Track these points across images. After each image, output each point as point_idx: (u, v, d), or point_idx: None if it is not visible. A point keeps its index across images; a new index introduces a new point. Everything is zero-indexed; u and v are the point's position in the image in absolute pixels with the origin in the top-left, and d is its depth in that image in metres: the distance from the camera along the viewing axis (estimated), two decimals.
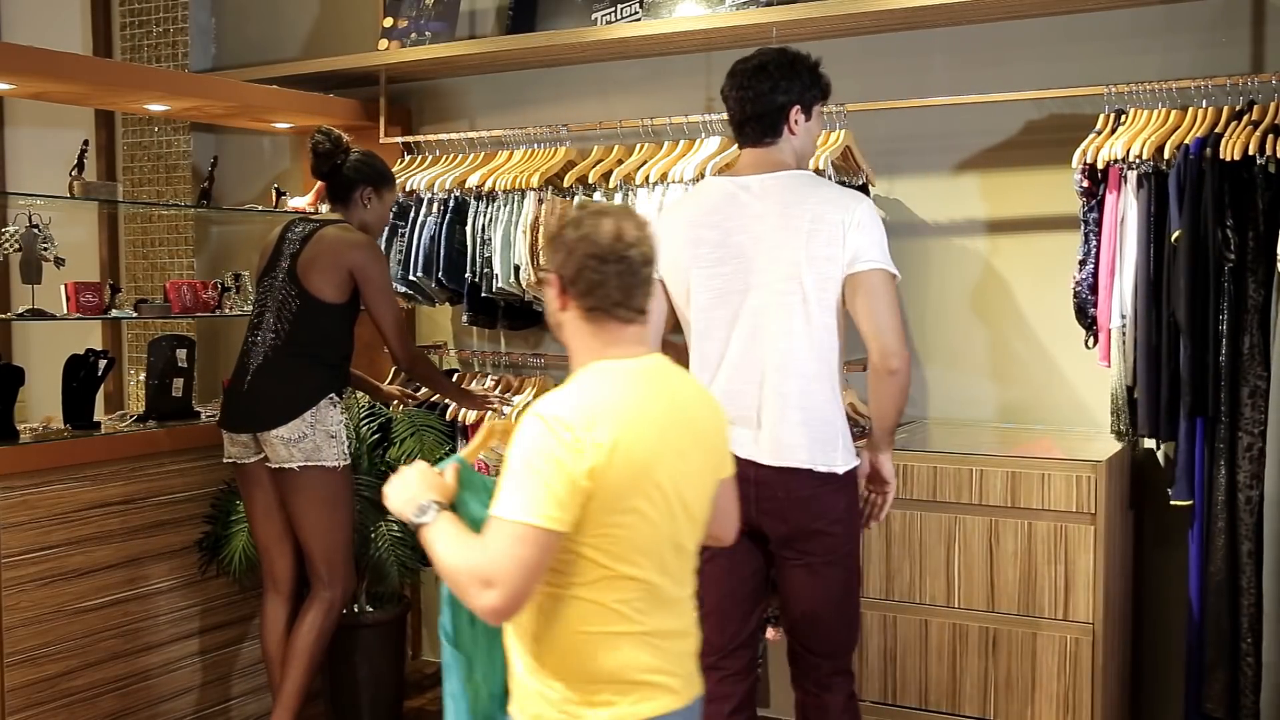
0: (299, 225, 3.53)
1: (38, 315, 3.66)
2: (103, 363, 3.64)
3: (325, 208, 3.71)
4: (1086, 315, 3.30)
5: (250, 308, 3.68)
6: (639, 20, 4.01)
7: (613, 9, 4.09)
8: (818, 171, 3.31)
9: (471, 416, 4.11)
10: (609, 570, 1.89)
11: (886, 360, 2.64)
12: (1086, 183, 3.25)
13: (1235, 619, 3.10)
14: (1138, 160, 3.15)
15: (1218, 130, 3.10)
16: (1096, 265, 3.25)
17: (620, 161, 3.87)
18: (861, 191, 3.50)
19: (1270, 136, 3.00)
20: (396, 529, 3.77)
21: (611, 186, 3.80)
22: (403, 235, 4.16)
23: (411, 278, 4.12)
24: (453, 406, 4.13)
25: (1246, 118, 3.09)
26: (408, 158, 4.39)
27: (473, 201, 4.07)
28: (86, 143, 3.91)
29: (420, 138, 4.44)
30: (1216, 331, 3.07)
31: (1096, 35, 3.53)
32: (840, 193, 2.74)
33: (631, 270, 1.95)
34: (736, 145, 2.84)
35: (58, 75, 3.67)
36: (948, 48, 3.73)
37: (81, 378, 3.61)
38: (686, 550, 2.01)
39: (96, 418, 3.67)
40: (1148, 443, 3.43)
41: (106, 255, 5.28)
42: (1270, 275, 2.99)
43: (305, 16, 4.92)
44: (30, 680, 3.35)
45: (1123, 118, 3.28)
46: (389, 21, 4.42)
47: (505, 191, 3.99)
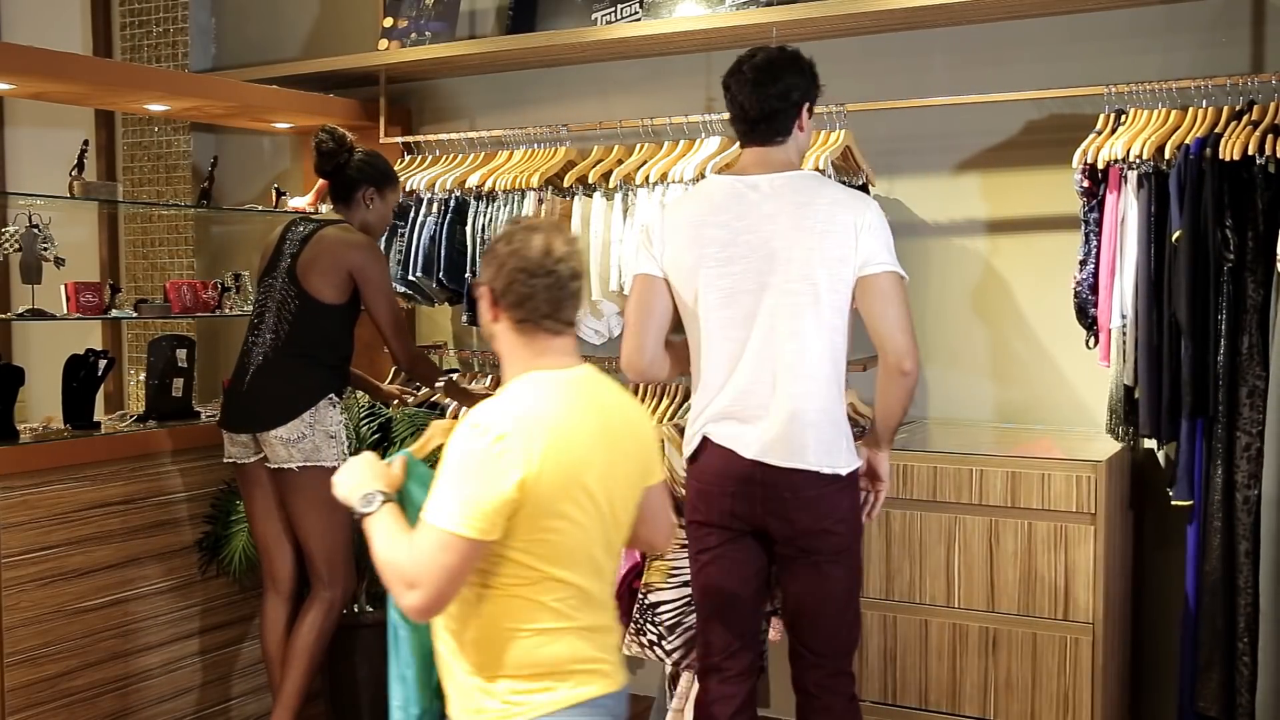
0: (299, 225, 3.53)
1: (38, 315, 3.66)
2: (103, 363, 3.63)
3: (326, 207, 3.70)
4: (1087, 315, 3.30)
5: (250, 308, 3.68)
6: (639, 20, 4.01)
7: (613, 9, 4.09)
8: (817, 171, 3.32)
9: None
10: (542, 573, 1.97)
11: (901, 362, 2.64)
12: (1087, 183, 3.25)
13: (1231, 618, 3.10)
14: (1138, 160, 3.15)
15: (1218, 130, 3.10)
16: (1097, 265, 3.25)
17: (620, 161, 3.87)
18: (861, 191, 3.50)
19: (1270, 136, 3.00)
20: None
21: (611, 186, 3.80)
22: (402, 235, 4.16)
23: (411, 278, 4.12)
24: (453, 406, 4.13)
25: (1246, 118, 3.09)
26: (408, 158, 4.39)
27: (473, 201, 4.07)
28: (86, 143, 3.91)
29: (420, 138, 4.43)
30: (1215, 331, 3.07)
31: (1096, 35, 3.53)
32: (848, 194, 2.73)
33: (560, 284, 2.03)
34: (738, 144, 2.82)
35: (58, 75, 3.67)
36: (948, 48, 3.73)
37: (81, 378, 3.61)
38: (614, 551, 2.10)
39: (96, 418, 3.67)
40: (1148, 443, 3.43)
41: (106, 255, 5.28)
42: (1269, 275, 2.99)
43: (305, 16, 4.92)
44: (30, 680, 3.34)
45: (1123, 118, 3.28)
46: (389, 21, 4.42)
47: (505, 191, 3.99)
